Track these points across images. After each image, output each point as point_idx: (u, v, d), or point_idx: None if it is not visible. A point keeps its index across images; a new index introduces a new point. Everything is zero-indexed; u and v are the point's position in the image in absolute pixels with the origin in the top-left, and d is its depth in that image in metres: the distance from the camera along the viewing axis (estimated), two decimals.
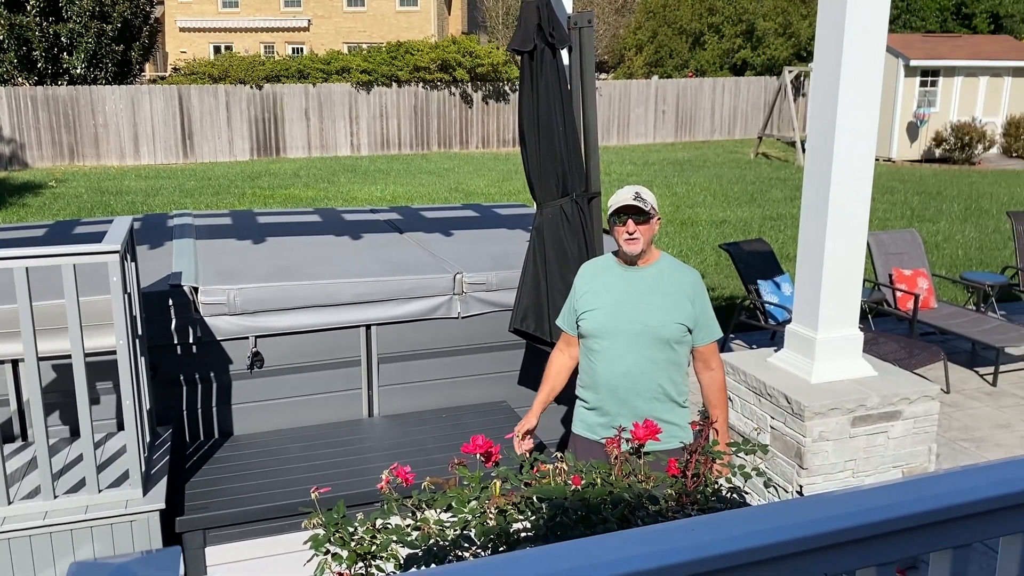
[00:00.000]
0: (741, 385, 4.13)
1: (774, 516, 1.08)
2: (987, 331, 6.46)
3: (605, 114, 24.55)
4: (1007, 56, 20.95)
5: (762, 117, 24.19)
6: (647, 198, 2.98)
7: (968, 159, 20.17)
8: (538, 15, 3.53)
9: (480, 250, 4.60)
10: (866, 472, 3.82)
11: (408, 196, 15.10)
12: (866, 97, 3.67)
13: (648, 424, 2.02)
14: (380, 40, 32.07)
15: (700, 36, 31.45)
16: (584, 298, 3.10)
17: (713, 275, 9.46)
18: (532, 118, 3.69)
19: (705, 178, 17.49)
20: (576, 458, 3.15)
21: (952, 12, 33.85)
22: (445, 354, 4.14)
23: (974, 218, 12.97)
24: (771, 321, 6.53)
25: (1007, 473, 1.17)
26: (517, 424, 3.25)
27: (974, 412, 5.79)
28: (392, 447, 3.79)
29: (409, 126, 22.64)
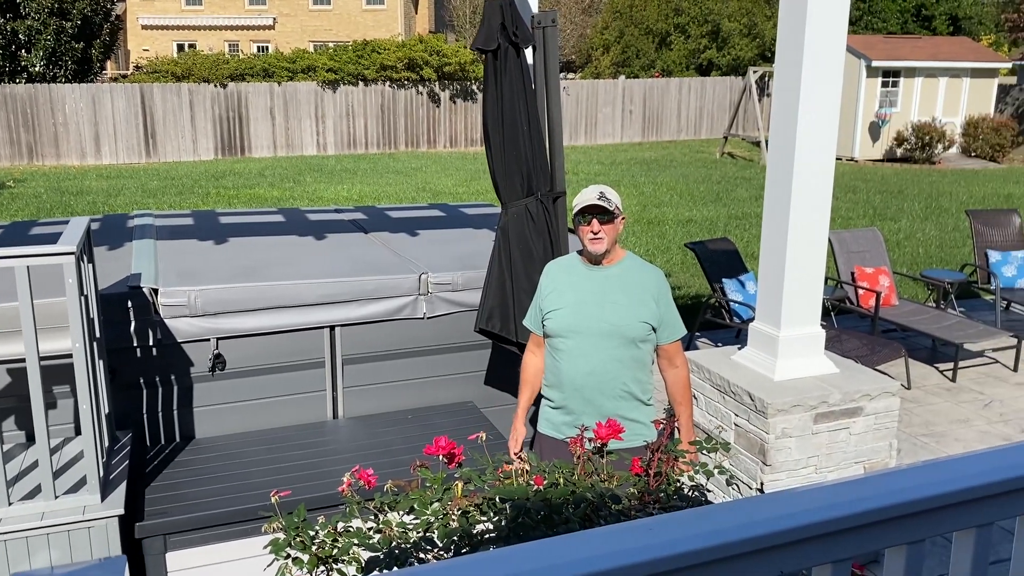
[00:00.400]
0: (706, 383, 4.15)
1: (731, 515, 1.09)
2: (947, 328, 6.57)
3: (573, 114, 24.62)
4: (966, 57, 21.35)
5: (727, 117, 24.41)
6: (612, 198, 2.99)
7: (928, 158, 20.52)
8: (501, 14, 3.52)
9: (446, 250, 4.58)
10: (828, 468, 3.86)
11: (375, 196, 15.01)
12: (827, 97, 3.71)
13: (611, 423, 2.02)
14: (346, 39, 31.86)
15: (666, 36, 31.67)
16: (549, 297, 3.11)
17: (679, 274, 9.52)
18: (496, 117, 3.68)
19: (672, 177, 17.61)
20: (542, 457, 3.17)
21: (912, 14, 34.43)
22: (411, 355, 4.11)
23: (934, 216, 13.20)
24: (736, 319, 6.58)
25: (959, 469, 1.18)
26: (510, 439, 3.28)
27: (934, 407, 5.89)
28: (357, 449, 3.76)
29: (376, 125, 22.52)
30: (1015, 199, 14.94)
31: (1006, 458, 1.20)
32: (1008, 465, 1.19)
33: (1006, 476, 1.19)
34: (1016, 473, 1.17)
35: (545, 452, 3.17)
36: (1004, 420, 5.66)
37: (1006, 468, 1.18)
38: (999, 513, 1.22)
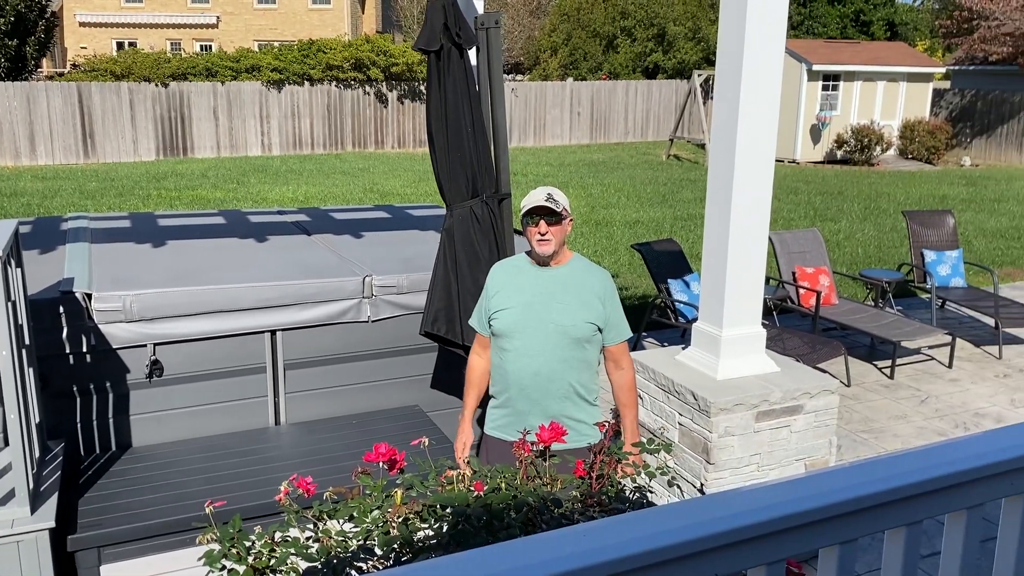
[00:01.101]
0: (650, 383, 4.18)
1: (666, 519, 1.08)
2: (885, 326, 6.73)
3: (522, 115, 24.67)
4: (902, 62, 21.95)
5: (673, 120, 24.72)
6: (559, 199, 3.00)
7: (867, 160, 21.04)
8: (444, 14, 3.50)
9: (391, 252, 4.53)
10: (770, 466, 3.92)
11: (321, 197, 14.83)
12: (766, 101, 3.77)
13: (554, 426, 2.01)
14: (292, 38, 31.45)
15: (613, 39, 31.94)
16: (496, 298, 3.10)
17: (626, 274, 9.59)
18: (440, 119, 3.65)
19: (619, 179, 17.75)
20: (488, 459, 3.15)
21: (851, 19, 35.31)
22: (354, 359, 4.06)
23: (873, 217, 13.53)
24: (681, 319, 6.65)
25: (891, 469, 1.20)
26: (455, 442, 3.26)
27: (873, 404, 6.03)
28: (299, 456, 3.69)
29: (322, 125, 22.26)
30: (949, 200, 15.40)
31: (933, 456, 1.22)
32: (936, 463, 1.21)
33: (935, 474, 1.21)
34: (944, 471, 1.19)
35: (491, 453, 3.15)
36: (940, 416, 5.82)
37: (934, 467, 1.20)
38: (928, 511, 1.24)
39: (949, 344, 6.88)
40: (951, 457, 1.21)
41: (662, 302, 6.86)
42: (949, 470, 1.19)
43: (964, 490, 1.23)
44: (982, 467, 1.22)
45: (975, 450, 1.23)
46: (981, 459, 1.21)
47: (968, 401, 6.08)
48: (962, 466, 1.19)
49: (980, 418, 5.77)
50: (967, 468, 1.20)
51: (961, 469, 1.19)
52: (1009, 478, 1.27)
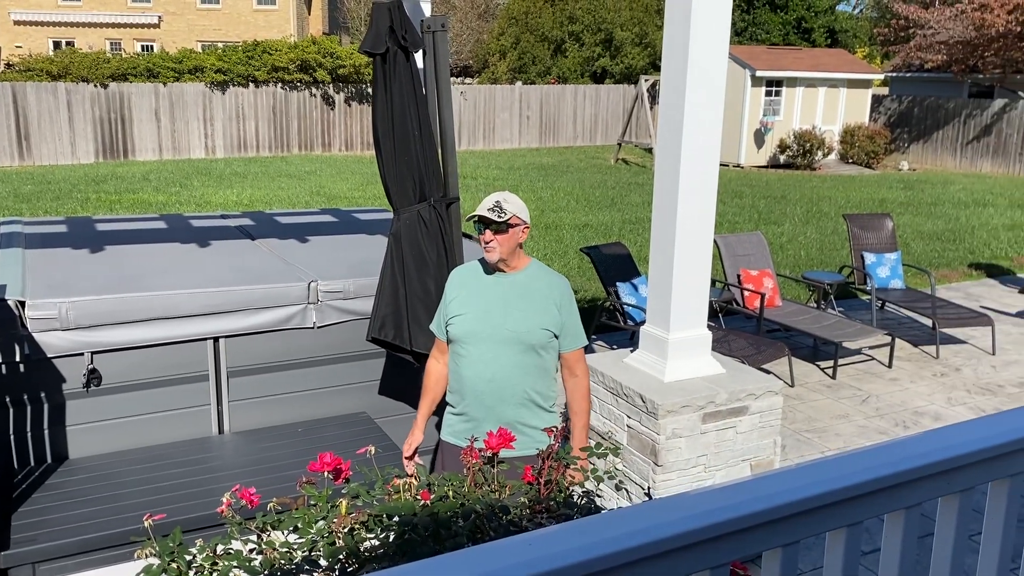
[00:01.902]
0: (599, 386, 4.20)
1: (610, 526, 1.08)
2: (827, 327, 6.87)
3: (471, 119, 24.65)
4: (842, 69, 22.50)
5: (621, 124, 24.95)
6: (507, 208, 2.98)
7: (809, 165, 21.50)
8: (390, 17, 3.47)
9: (337, 257, 4.47)
10: (717, 466, 3.97)
11: (267, 200, 14.61)
12: (711, 107, 3.81)
13: (502, 432, 2.00)
14: (236, 39, 30.95)
15: (561, 44, 32.11)
16: (453, 303, 3.10)
17: (576, 278, 9.64)
18: (387, 122, 3.62)
19: (569, 183, 17.84)
20: (444, 464, 3.13)
21: (793, 26, 36.09)
22: (300, 365, 4.00)
23: (815, 220, 13.83)
24: (630, 322, 6.71)
25: (829, 471, 1.22)
26: (404, 442, 3.24)
27: (816, 404, 6.15)
28: (244, 465, 3.62)
29: (268, 128, 21.94)
30: (888, 203, 15.82)
31: (871, 458, 1.23)
32: (874, 465, 1.23)
33: (874, 476, 1.23)
34: (883, 472, 1.21)
35: (447, 459, 3.14)
36: (880, 415, 5.96)
37: (873, 468, 1.22)
38: (868, 512, 1.26)
39: (889, 344, 7.06)
40: (889, 459, 1.23)
41: (611, 305, 6.90)
42: (888, 471, 1.21)
43: (902, 491, 1.25)
44: (919, 468, 1.24)
45: (912, 451, 1.26)
46: (918, 460, 1.24)
47: (907, 400, 6.24)
48: (900, 467, 1.21)
49: (919, 416, 5.93)
50: (905, 469, 1.23)
51: (900, 470, 1.21)
52: (945, 478, 1.30)
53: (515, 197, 3.04)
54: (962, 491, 1.33)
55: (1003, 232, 13.17)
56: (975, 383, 6.60)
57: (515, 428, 3.00)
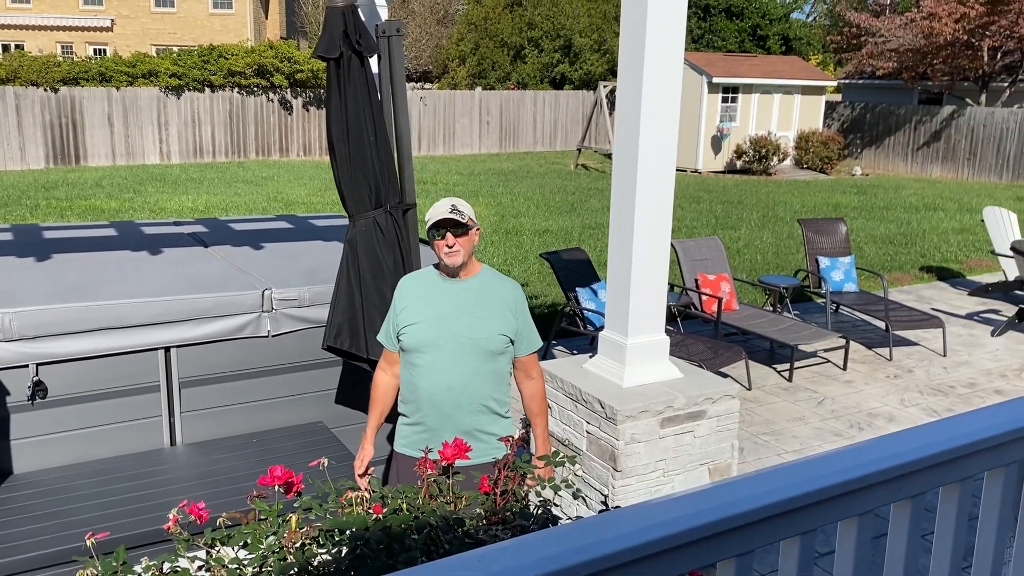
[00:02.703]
0: (559, 392, 4.19)
1: (563, 539, 1.06)
2: (783, 330, 6.96)
3: (431, 124, 24.59)
4: (797, 75, 22.87)
5: (581, 130, 25.08)
6: (464, 210, 2.97)
7: (765, 170, 21.81)
8: (344, 22, 3.43)
9: (292, 264, 4.41)
10: (675, 471, 3.98)
11: (223, 206, 14.39)
12: (666, 113, 3.83)
13: (457, 442, 1.98)
14: (192, 43, 30.50)
15: (521, 50, 32.19)
16: (405, 312, 3.04)
17: (536, 283, 9.64)
18: (341, 127, 3.57)
19: (529, 188, 17.87)
20: (399, 477, 3.08)
21: (749, 34, 36.61)
22: (254, 375, 3.92)
23: (771, 225, 14.01)
24: (590, 327, 6.72)
25: (782, 480, 1.21)
26: (356, 459, 3.18)
27: (773, 407, 6.21)
28: (196, 478, 3.54)
29: (224, 133, 21.65)
30: (842, 208, 16.09)
31: (824, 466, 1.23)
32: (827, 473, 1.23)
33: (826, 484, 1.22)
34: (833, 481, 1.21)
35: (403, 471, 3.09)
36: (835, 416, 6.04)
37: (826, 476, 1.22)
38: (822, 520, 1.26)
39: (843, 347, 7.16)
40: (840, 466, 1.23)
41: (571, 310, 6.91)
42: (839, 479, 1.21)
43: (855, 498, 1.25)
44: (871, 475, 1.24)
45: (863, 458, 1.26)
46: (869, 467, 1.24)
47: (862, 402, 6.33)
48: (852, 475, 1.21)
49: (873, 418, 6.02)
50: (857, 476, 1.23)
51: (851, 478, 1.21)
52: (897, 484, 1.30)
53: (463, 201, 3.02)
54: (914, 496, 1.33)
55: (953, 236, 13.47)
56: (927, 384, 6.73)
57: (473, 436, 2.97)
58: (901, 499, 1.32)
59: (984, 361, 7.33)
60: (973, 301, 9.47)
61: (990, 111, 21.66)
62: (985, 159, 21.76)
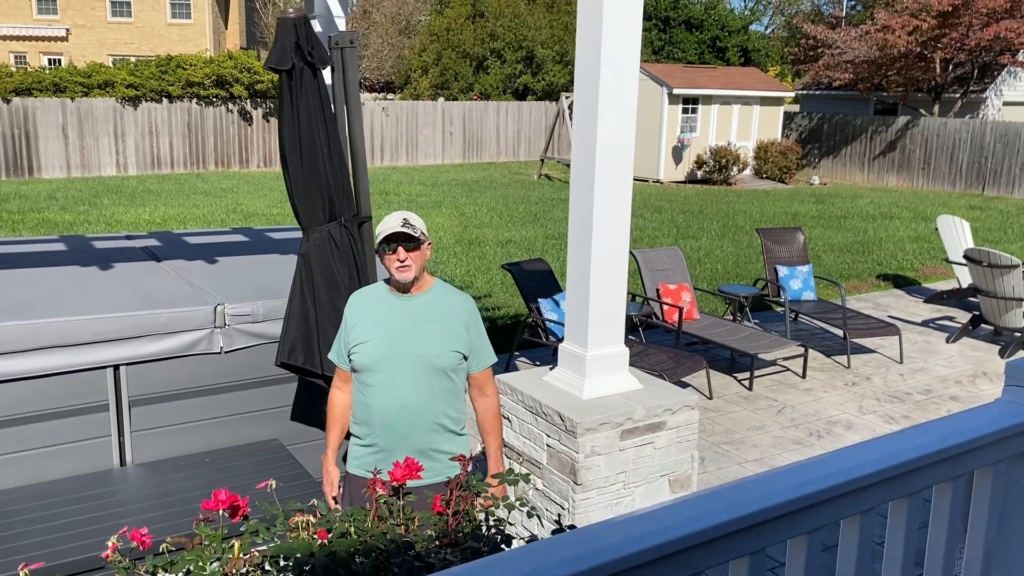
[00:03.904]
0: (519, 405, 4.16)
1: (510, 566, 1.03)
2: (743, 339, 7.00)
3: (393, 134, 24.50)
4: (755, 87, 23.19)
5: (544, 140, 25.16)
6: (416, 223, 2.91)
7: (725, 180, 22.05)
8: (295, 33, 3.38)
9: (245, 278, 4.33)
10: (636, 483, 3.97)
11: (181, 218, 14.18)
12: (622, 126, 3.83)
13: (409, 462, 1.94)
14: (150, 53, 30.10)
15: (483, 61, 32.26)
16: (355, 330, 2.96)
17: (499, 294, 9.61)
18: (294, 140, 3.52)
19: (492, 198, 17.86)
20: (353, 499, 3.01)
21: (708, 45, 37.09)
22: (207, 392, 3.84)
23: (730, 234, 14.15)
24: (552, 338, 6.70)
25: (728, 499, 1.19)
26: (324, 483, 3.09)
27: (733, 416, 6.24)
28: (148, 499, 3.45)
29: (183, 144, 21.35)
30: (801, 217, 16.31)
31: (771, 484, 1.22)
32: (775, 491, 1.21)
33: (774, 502, 1.21)
34: (780, 499, 1.19)
35: (356, 493, 3.02)
36: (795, 425, 6.09)
37: (774, 494, 1.21)
38: (769, 539, 1.24)
39: (802, 355, 7.23)
40: (787, 484, 1.21)
41: (533, 321, 6.89)
42: (786, 497, 1.20)
43: (803, 516, 1.24)
44: (819, 492, 1.23)
45: (811, 475, 1.25)
46: (818, 484, 1.23)
47: (821, 410, 6.39)
48: (800, 492, 1.20)
49: (832, 426, 6.08)
50: (806, 494, 1.21)
51: (799, 496, 1.20)
52: (846, 500, 1.29)
53: (414, 215, 2.97)
54: (863, 512, 1.33)
55: (908, 244, 13.71)
56: (884, 391, 6.81)
57: (428, 455, 2.92)
58: (850, 515, 1.31)
59: (940, 368, 7.45)
60: (928, 308, 9.63)
61: (943, 121, 22.14)
62: (939, 168, 22.23)
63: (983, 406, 1.51)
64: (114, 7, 32.96)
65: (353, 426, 3.04)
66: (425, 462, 2.93)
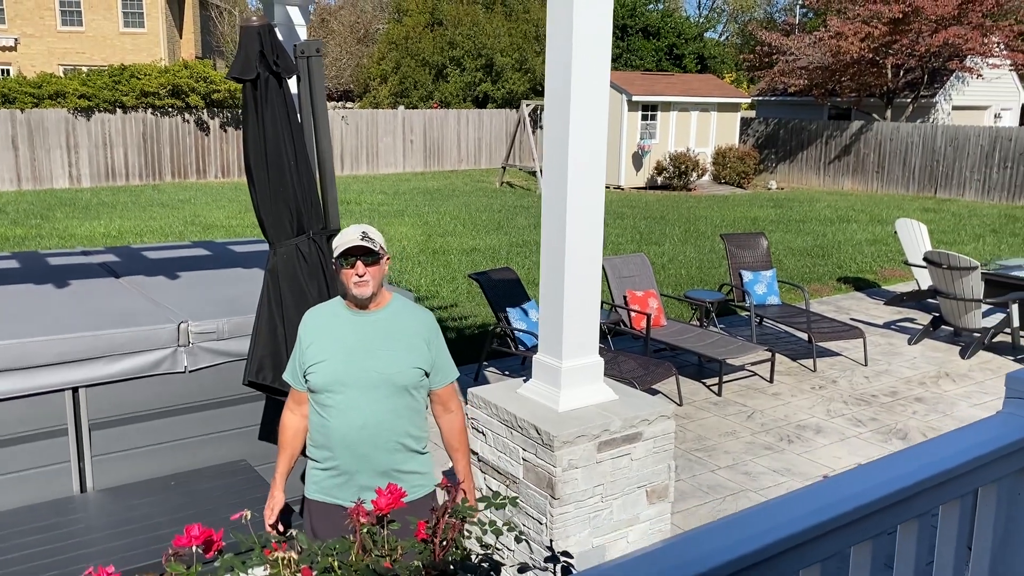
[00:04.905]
0: (493, 419, 4.09)
1: None
2: (710, 345, 7.01)
3: (354, 143, 24.31)
4: (712, 93, 23.43)
5: (505, 148, 25.15)
6: (375, 237, 2.82)
7: (685, 186, 22.24)
8: (260, 41, 3.29)
9: (210, 294, 4.20)
10: (613, 495, 3.92)
11: (138, 231, 13.86)
12: (594, 134, 3.79)
13: (392, 488, 1.86)
14: (102, 63, 29.52)
15: (443, 69, 32.19)
16: (311, 350, 2.83)
17: (465, 303, 9.54)
18: (259, 151, 3.42)
19: (455, 207, 17.78)
20: (313, 525, 2.90)
21: (665, 52, 37.45)
22: (172, 413, 3.71)
23: (693, 240, 14.24)
24: (521, 347, 6.65)
25: (702, 546, 1.13)
26: (265, 506, 2.97)
27: (704, 422, 6.24)
28: (111, 526, 3.31)
29: (138, 155, 20.93)
30: (760, 222, 16.48)
31: (737, 530, 1.15)
32: (743, 539, 1.15)
33: (741, 552, 1.15)
34: (748, 549, 1.13)
35: (316, 519, 2.89)
36: (765, 430, 6.10)
37: (743, 542, 1.15)
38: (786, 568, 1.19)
39: (769, 360, 7.26)
40: (756, 530, 1.15)
41: (501, 331, 6.83)
42: (756, 545, 1.13)
43: (815, 545, 1.19)
44: (831, 520, 1.18)
45: (819, 503, 1.20)
46: (829, 511, 1.18)
47: (790, 414, 6.42)
48: (766, 540, 1.14)
49: (802, 430, 6.10)
50: (776, 540, 1.15)
51: (766, 544, 1.13)
52: (859, 526, 1.25)
53: (373, 228, 2.88)
54: (874, 537, 1.28)
55: (866, 247, 13.92)
56: (851, 394, 6.87)
57: (391, 476, 2.83)
58: (862, 541, 1.27)
59: (903, 369, 7.54)
60: (889, 310, 9.77)
61: (896, 126, 22.58)
62: (892, 172, 22.66)
63: (984, 421, 1.48)
64: (64, 16, 32.25)
65: (312, 450, 2.91)
66: (389, 483, 2.85)
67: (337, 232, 3.77)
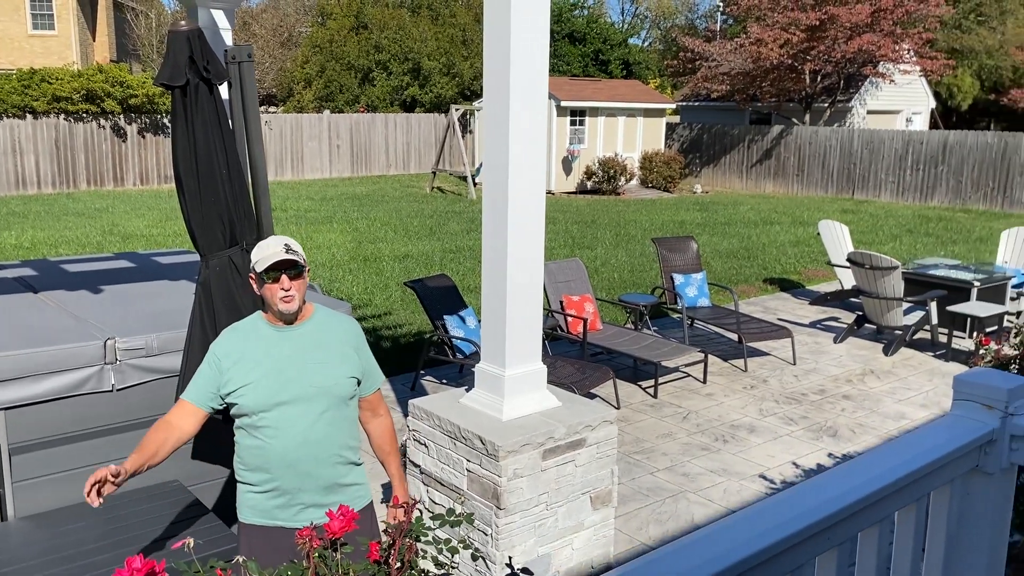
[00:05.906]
0: (436, 430, 4.03)
1: None
2: (645, 347, 7.09)
3: (278, 148, 23.85)
4: (638, 99, 23.80)
5: (435, 152, 25.03)
6: (298, 249, 2.74)
7: (614, 190, 22.52)
8: (189, 47, 3.17)
9: (137, 308, 4.04)
10: (558, 503, 3.91)
11: (53, 242, 13.30)
12: (534, 139, 3.78)
13: (343, 511, 1.80)
14: (10, 67, 28.25)
15: (369, 72, 31.86)
16: (234, 371, 2.69)
17: (400, 311, 9.43)
18: (189, 160, 3.30)
19: (385, 212, 17.59)
20: (252, 550, 2.78)
21: (592, 58, 37.89)
22: (99, 434, 3.54)
23: (624, 243, 14.41)
24: (459, 355, 6.60)
25: (696, 556, 1.13)
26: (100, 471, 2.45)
27: (641, 424, 6.30)
28: (35, 555, 3.13)
29: (50, 162, 20.10)
30: (687, 225, 16.79)
31: (697, 553, 1.14)
32: (704, 562, 1.14)
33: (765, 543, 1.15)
34: (766, 543, 1.14)
35: (255, 544, 2.76)
36: (701, 430, 6.19)
37: (704, 565, 1.14)
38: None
39: (702, 361, 7.38)
40: (756, 531, 1.15)
41: (439, 339, 6.76)
42: (765, 543, 1.13)
43: (781, 558, 1.19)
44: (796, 532, 1.18)
45: (783, 516, 1.20)
46: (793, 524, 1.18)
47: (723, 414, 6.53)
48: (775, 536, 1.14)
49: (736, 429, 6.21)
50: (782, 537, 1.16)
51: (777, 539, 1.14)
52: (823, 536, 1.25)
53: (292, 239, 2.79)
54: (839, 545, 1.29)
55: (790, 248, 14.31)
56: (782, 393, 7.03)
57: (334, 491, 2.76)
58: (826, 550, 1.27)
59: (830, 367, 7.75)
60: (814, 310, 10.05)
61: (814, 130, 23.32)
62: (812, 174, 23.39)
63: (934, 424, 1.51)
64: None
65: (244, 473, 2.77)
66: (332, 498, 2.77)
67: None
